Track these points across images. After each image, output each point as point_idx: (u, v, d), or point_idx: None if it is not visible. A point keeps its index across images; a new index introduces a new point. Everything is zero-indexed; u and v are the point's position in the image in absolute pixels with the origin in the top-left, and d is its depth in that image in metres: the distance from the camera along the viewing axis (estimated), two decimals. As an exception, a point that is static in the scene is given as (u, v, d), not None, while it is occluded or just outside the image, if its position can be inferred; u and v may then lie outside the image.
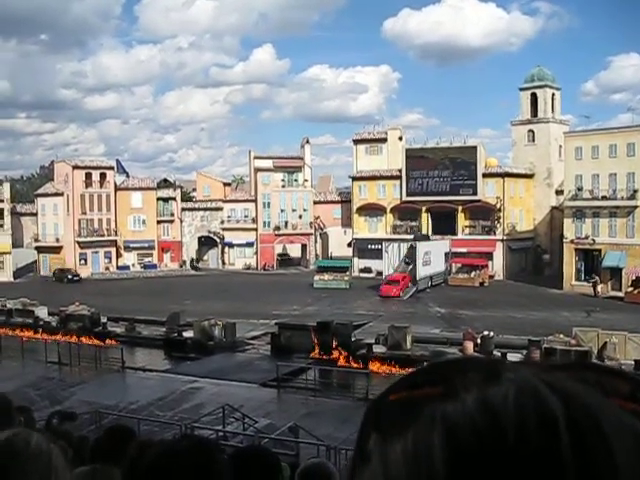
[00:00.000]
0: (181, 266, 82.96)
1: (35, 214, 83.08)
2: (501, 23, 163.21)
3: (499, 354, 32.36)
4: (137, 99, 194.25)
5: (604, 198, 60.48)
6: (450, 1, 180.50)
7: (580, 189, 62.06)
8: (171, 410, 26.09)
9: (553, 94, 75.04)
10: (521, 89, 76.10)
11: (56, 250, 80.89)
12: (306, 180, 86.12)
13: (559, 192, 69.63)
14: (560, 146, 69.08)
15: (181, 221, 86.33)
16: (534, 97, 74.68)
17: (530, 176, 73.65)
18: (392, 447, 0.66)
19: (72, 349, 35.54)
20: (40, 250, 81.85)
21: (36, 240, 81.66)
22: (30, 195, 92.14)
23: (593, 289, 58.31)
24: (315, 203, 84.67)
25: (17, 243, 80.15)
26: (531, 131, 74.66)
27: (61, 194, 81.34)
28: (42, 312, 45.98)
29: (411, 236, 69.59)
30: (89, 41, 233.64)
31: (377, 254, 68.71)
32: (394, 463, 0.64)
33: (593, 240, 60.85)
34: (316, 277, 65.30)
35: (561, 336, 33.48)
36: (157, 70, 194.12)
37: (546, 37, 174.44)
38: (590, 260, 61.87)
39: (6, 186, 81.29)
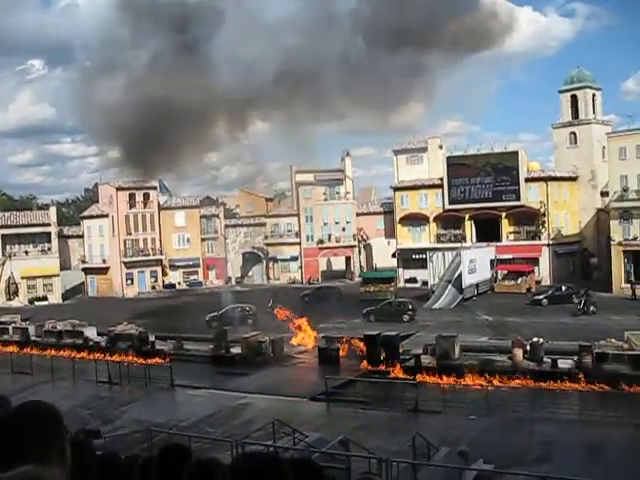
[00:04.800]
0: (226, 283, 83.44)
1: (81, 236, 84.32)
2: (538, 26, 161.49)
3: (549, 361, 31.94)
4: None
5: (651, 198, 59.51)
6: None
7: (626, 190, 61.06)
8: (221, 426, 26.15)
9: (594, 95, 74.04)
10: (561, 91, 75.21)
11: (103, 271, 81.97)
12: (348, 192, 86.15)
13: (604, 194, 68.57)
14: (603, 147, 68.09)
15: (225, 238, 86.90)
16: (574, 99, 73.76)
17: (574, 179, 72.69)
18: None
19: (121, 368, 35.91)
20: (87, 271, 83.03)
21: (83, 262, 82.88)
22: (76, 218, 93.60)
23: (632, 292, 57.28)
24: (358, 215, 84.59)
25: (65, 265, 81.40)
26: (573, 133, 73.71)
27: (106, 215, 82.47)
28: (91, 332, 46.54)
29: (456, 245, 69.16)
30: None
31: (422, 264, 68.39)
32: None
33: (642, 241, 59.83)
34: (361, 289, 65.10)
35: (613, 340, 32.87)
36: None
37: (584, 38, 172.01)
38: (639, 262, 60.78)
39: (52, 210, 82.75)
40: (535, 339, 34.09)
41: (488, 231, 72.21)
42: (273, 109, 53.77)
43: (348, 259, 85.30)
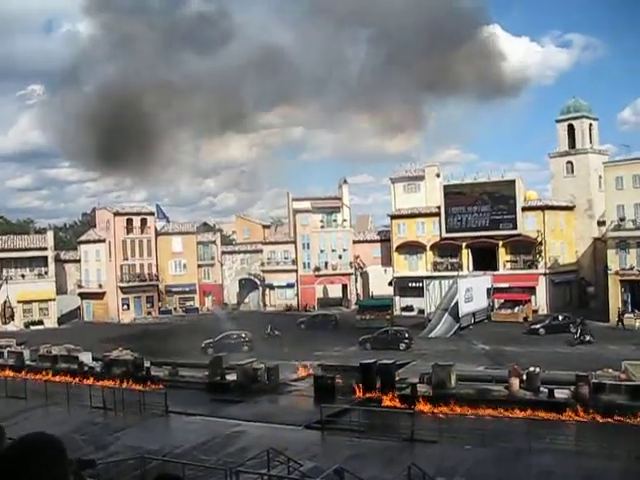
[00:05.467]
0: (222, 309, 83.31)
1: (78, 261, 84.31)
2: (536, 57, 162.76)
3: (546, 390, 31.79)
4: (177, 144, 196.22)
5: (648, 228, 59.64)
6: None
7: (623, 219, 61.19)
8: (215, 454, 25.93)
9: (590, 124, 74.51)
10: (557, 121, 75.67)
11: (99, 296, 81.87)
12: (345, 220, 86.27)
13: (601, 223, 68.77)
14: (600, 176, 68.41)
15: (221, 264, 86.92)
16: (571, 128, 74.20)
17: (571, 208, 72.91)
18: None
19: (116, 394, 35.66)
20: (83, 296, 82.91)
21: (79, 286, 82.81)
22: (73, 242, 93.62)
23: (619, 322, 57.24)
24: (354, 243, 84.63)
25: (61, 290, 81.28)
26: (570, 162, 74.03)
27: (103, 240, 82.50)
28: (86, 357, 46.32)
29: (453, 273, 69.15)
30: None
31: (418, 292, 68.42)
32: None
33: (638, 271, 59.85)
34: (358, 317, 65.00)
35: (610, 370, 32.75)
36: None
37: (581, 68, 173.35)
38: (637, 291, 60.80)
39: (50, 234, 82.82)
40: (532, 368, 33.95)
41: (485, 260, 72.28)
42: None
43: (345, 287, 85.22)
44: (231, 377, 39.76)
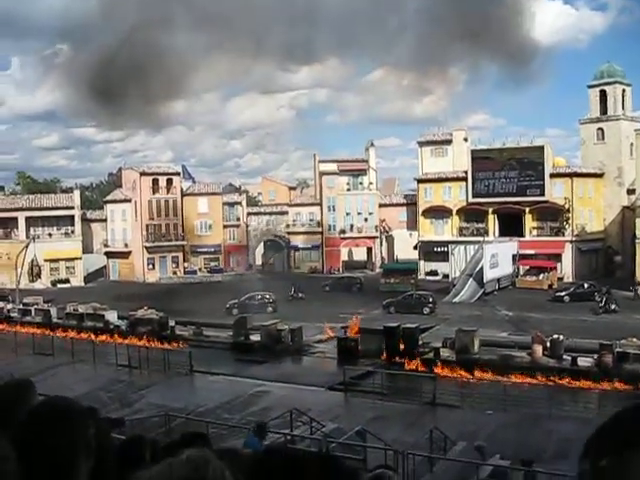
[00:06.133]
0: (247, 270, 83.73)
1: (104, 220, 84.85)
2: (569, 20, 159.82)
3: (569, 358, 31.73)
4: (204, 105, 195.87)
5: (679, 196, 58.95)
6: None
7: (653, 187, 60.46)
8: (239, 413, 26.24)
9: (623, 90, 73.18)
10: (590, 86, 74.39)
11: (125, 255, 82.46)
12: (371, 183, 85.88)
13: (631, 191, 67.94)
14: (631, 144, 67.47)
15: (247, 225, 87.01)
16: (603, 94, 72.95)
17: (600, 175, 72.01)
18: None
19: (141, 352, 36.12)
20: (109, 255, 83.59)
21: (105, 246, 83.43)
22: (99, 202, 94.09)
23: (635, 292, 56.79)
24: (380, 206, 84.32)
25: (87, 249, 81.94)
26: (600, 129, 72.97)
27: (129, 200, 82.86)
28: (112, 316, 46.86)
29: (478, 239, 68.84)
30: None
31: (443, 257, 68.29)
32: None
33: (667, 240, 59.32)
34: (382, 280, 65.01)
35: (634, 340, 32.60)
36: (224, 76, 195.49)
37: (616, 32, 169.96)
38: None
39: (76, 193, 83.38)
40: (555, 336, 33.87)
41: (511, 226, 71.78)
42: None
43: (369, 250, 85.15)
44: (255, 338, 40.10)
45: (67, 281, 77.37)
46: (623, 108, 72.73)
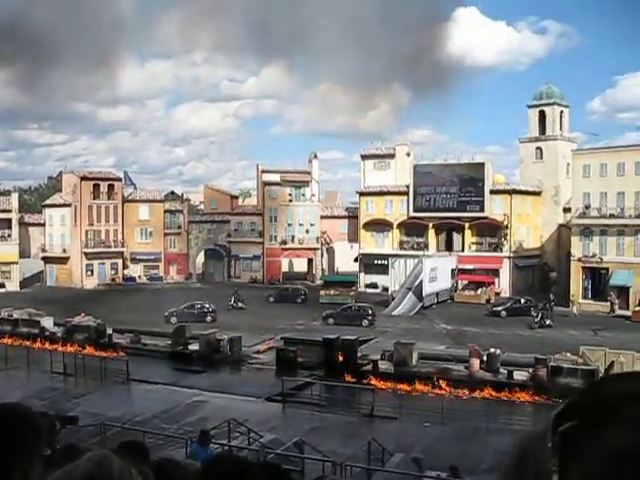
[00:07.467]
0: (187, 279, 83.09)
1: (43, 224, 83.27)
2: (511, 42, 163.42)
3: (505, 372, 32.29)
4: (149, 112, 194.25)
5: (612, 216, 60.38)
6: (461, 18, 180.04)
7: (588, 207, 61.93)
8: (176, 423, 26.01)
9: (561, 112, 74.94)
10: (529, 106, 76.00)
11: (63, 261, 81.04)
12: (313, 195, 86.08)
13: (567, 210, 69.47)
14: (568, 164, 68.94)
15: (188, 234, 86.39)
16: (542, 115, 74.56)
17: (537, 193, 73.50)
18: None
19: (77, 360, 35.53)
20: (47, 260, 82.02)
21: (43, 250, 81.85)
22: (38, 206, 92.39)
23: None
24: (322, 218, 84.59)
25: (24, 253, 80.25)
26: (539, 148, 74.53)
27: (69, 205, 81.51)
28: (48, 322, 45.95)
29: (418, 253, 69.56)
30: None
31: (383, 270, 68.69)
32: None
33: (600, 259, 60.73)
34: (322, 292, 65.12)
35: (568, 355, 33.31)
36: (170, 84, 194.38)
37: (555, 56, 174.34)
38: (597, 279, 61.74)
39: (14, 196, 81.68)
40: (492, 350, 34.47)
41: (451, 241, 72.83)
42: None
43: (310, 261, 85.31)
44: (194, 347, 39.80)
45: (2, 286, 75.59)
46: (561, 129, 74.45)
